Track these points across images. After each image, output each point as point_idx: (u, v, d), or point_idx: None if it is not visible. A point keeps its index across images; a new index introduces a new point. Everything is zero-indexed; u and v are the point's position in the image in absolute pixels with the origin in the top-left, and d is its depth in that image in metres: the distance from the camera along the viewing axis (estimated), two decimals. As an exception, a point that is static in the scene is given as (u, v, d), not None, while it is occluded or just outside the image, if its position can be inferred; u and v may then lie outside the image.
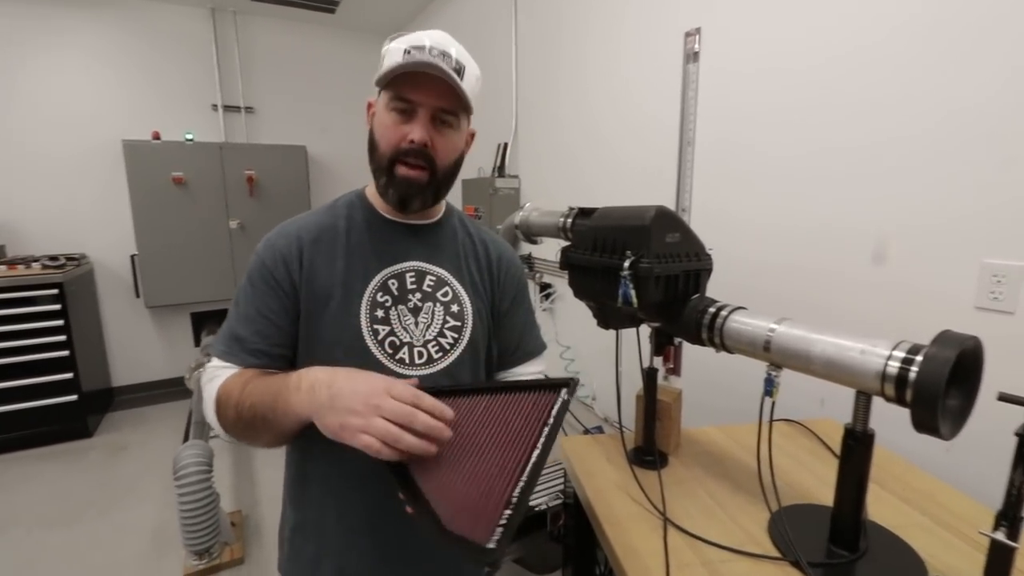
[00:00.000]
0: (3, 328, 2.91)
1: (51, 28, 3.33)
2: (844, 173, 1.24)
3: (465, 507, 0.55)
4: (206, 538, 1.93)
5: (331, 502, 0.79)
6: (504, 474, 0.57)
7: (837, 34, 1.23)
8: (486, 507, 0.54)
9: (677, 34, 1.67)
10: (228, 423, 0.71)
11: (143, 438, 3.24)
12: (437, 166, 0.77)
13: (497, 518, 0.52)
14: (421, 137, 0.74)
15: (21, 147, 3.34)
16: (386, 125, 0.76)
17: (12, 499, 2.56)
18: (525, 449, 0.59)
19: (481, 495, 0.56)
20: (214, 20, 3.71)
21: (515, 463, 0.58)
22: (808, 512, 0.84)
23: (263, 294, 0.76)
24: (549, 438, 0.60)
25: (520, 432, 0.62)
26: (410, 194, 0.78)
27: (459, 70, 0.73)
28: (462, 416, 0.66)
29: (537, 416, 0.63)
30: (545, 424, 0.62)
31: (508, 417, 0.65)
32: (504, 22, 2.69)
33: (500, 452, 0.60)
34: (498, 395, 0.69)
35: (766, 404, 0.79)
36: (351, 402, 0.59)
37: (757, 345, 0.80)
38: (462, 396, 0.70)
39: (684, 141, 1.69)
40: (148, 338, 3.84)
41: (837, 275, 1.26)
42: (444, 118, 0.76)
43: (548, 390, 0.67)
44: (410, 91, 0.73)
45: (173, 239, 3.54)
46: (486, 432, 0.64)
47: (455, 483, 0.58)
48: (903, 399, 0.64)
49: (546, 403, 0.65)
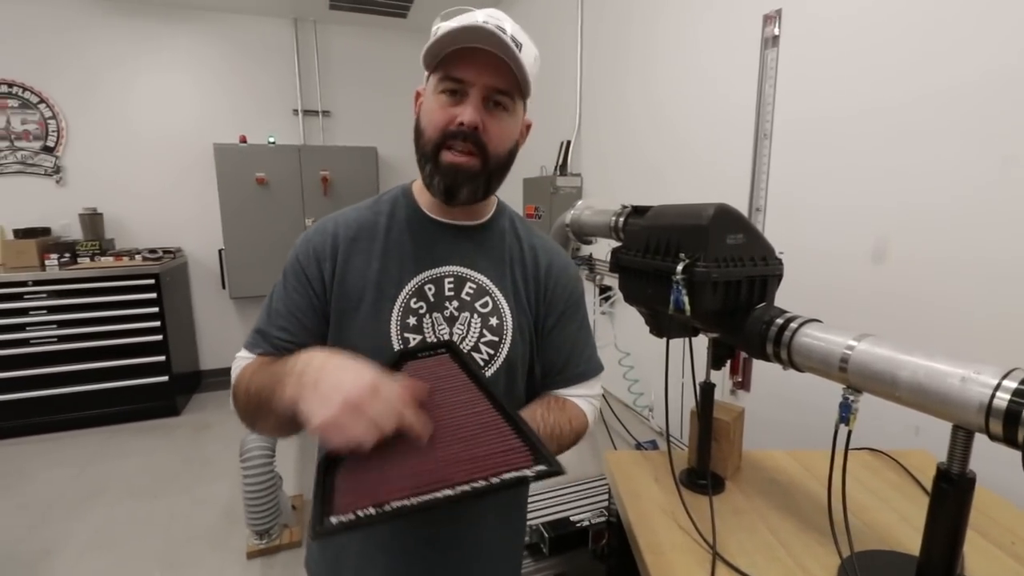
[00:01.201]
0: (107, 313, 3.24)
1: (159, 46, 3.68)
2: (940, 173, 1.07)
3: (355, 488, 0.52)
4: (267, 519, 2.02)
5: None
6: (407, 481, 0.50)
7: (932, 11, 1.07)
8: (502, 452, 0.53)
9: (755, 17, 1.54)
10: (240, 407, 0.70)
11: (225, 418, 3.48)
12: (489, 152, 0.70)
13: (363, 506, 0.48)
14: (472, 119, 0.67)
15: (131, 150, 3.70)
16: (433, 108, 0.70)
17: (106, 469, 2.84)
18: (443, 479, 0.50)
19: (376, 484, 0.51)
20: (296, 29, 3.93)
21: (427, 483, 0.50)
22: (888, 560, 0.72)
23: (293, 291, 0.75)
24: (473, 492, 0.49)
25: (462, 462, 0.53)
26: (458, 182, 0.70)
27: (517, 46, 0.67)
28: (461, 400, 0.63)
29: (488, 464, 0.52)
30: (485, 478, 0.50)
31: (471, 439, 0.57)
32: (570, 17, 2.62)
33: (425, 463, 0.53)
34: (498, 413, 0.60)
35: (841, 432, 0.69)
36: (334, 398, 0.52)
37: (831, 364, 0.69)
38: (477, 386, 0.65)
39: (760, 134, 1.55)
40: (232, 326, 4.13)
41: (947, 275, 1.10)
42: (498, 99, 0.69)
43: (528, 454, 0.54)
44: (461, 69, 0.67)
45: (255, 235, 3.77)
46: (464, 422, 0.59)
47: (459, 453, 0.55)
48: (1014, 439, 0.53)
49: (511, 461, 0.53)
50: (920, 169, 1.12)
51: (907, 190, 1.15)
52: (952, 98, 1.06)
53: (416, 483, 0.50)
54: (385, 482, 0.51)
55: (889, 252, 1.19)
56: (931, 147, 1.10)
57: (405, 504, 0.48)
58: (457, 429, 0.58)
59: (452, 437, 0.57)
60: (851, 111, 1.27)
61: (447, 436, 0.57)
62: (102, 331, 3.23)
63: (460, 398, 0.63)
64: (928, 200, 1.11)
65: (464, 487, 0.49)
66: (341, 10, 3.74)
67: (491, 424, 0.59)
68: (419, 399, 0.57)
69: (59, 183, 3.56)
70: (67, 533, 2.28)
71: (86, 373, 3.21)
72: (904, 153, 1.15)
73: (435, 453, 0.55)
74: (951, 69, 1.06)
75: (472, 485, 0.49)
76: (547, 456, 0.53)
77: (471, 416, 0.60)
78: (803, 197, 1.41)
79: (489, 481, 0.50)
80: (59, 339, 3.15)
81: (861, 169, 1.25)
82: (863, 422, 0.68)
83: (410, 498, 0.48)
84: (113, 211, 3.68)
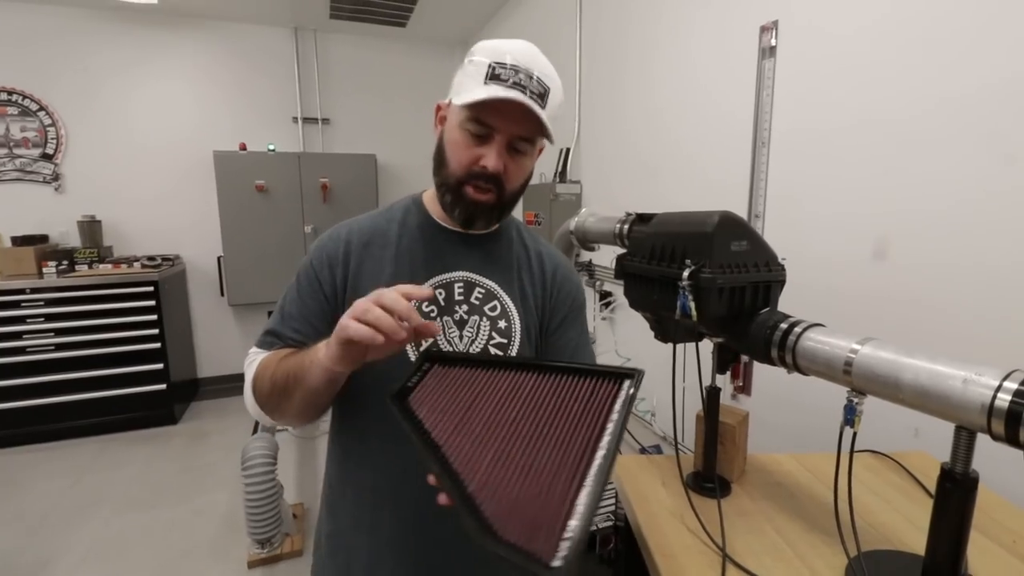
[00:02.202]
0: (105, 321, 3.22)
1: (160, 54, 3.69)
2: (937, 182, 1.10)
3: (518, 509, 0.46)
4: (269, 528, 2.02)
5: (365, 515, 0.77)
6: (564, 474, 0.47)
7: (924, 21, 1.10)
8: (545, 513, 0.44)
9: (752, 28, 1.57)
10: (263, 395, 0.71)
11: (223, 427, 3.46)
12: (506, 191, 0.75)
13: (561, 529, 0.42)
14: (496, 166, 0.70)
15: (130, 158, 3.71)
16: (458, 143, 0.72)
17: (103, 479, 2.81)
18: (586, 447, 0.49)
19: (537, 497, 0.46)
20: (296, 38, 3.96)
21: (575, 463, 0.48)
22: (893, 560, 0.74)
23: (306, 295, 0.77)
24: (614, 437, 0.49)
25: (579, 424, 0.52)
26: (475, 215, 0.76)
27: (543, 94, 0.69)
28: (506, 394, 0.59)
29: (598, 407, 0.53)
30: (609, 418, 0.51)
31: (562, 403, 0.55)
32: (569, 27, 2.66)
33: (556, 446, 0.50)
34: (547, 376, 0.60)
35: (846, 434, 0.70)
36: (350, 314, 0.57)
37: (835, 367, 0.71)
38: (504, 369, 0.62)
39: (758, 142, 1.58)
40: (230, 334, 4.11)
41: (943, 282, 1.12)
42: (519, 146, 0.72)
43: (608, 379, 0.56)
44: (489, 117, 0.69)
45: (254, 243, 3.78)
46: (537, 418, 0.54)
47: (504, 477, 0.49)
48: (1015, 439, 0.54)
49: (607, 394, 0.54)
50: (916, 177, 1.15)
51: (904, 197, 1.18)
52: (950, 107, 1.09)
53: (560, 461, 0.49)
54: (531, 480, 0.48)
55: (887, 253, 1.21)
56: (927, 155, 1.13)
57: (586, 492, 0.45)
58: (528, 400, 0.58)
59: (527, 409, 0.57)
60: (847, 120, 1.30)
61: (522, 412, 0.56)
62: (100, 339, 3.21)
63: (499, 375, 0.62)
64: (925, 206, 1.13)
65: (601, 439, 0.50)
66: (341, 19, 3.77)
67: (556, 383, 0.59)
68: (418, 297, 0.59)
69: (58, 190, 3.56)
70: (64, 544, 2.26)
71: (83, 381, 3.19)
72: (900, 161, 1.18)
73: (530, 427, 0.54)
74: (948, 80, 1.09)
75: (605, 432, 0.50)
76: (621, 371, 0.56)
77: (527, 384, 0.60)
78: (801, 203, 1.44)
79: (611, 419, 0.51)
80: (56, 347, 3.14)
81: (858, 176, 1.28)
82: (863, 424, 0.70)
83: (580, 486, 0.46)
84: (111, 218, 3.67)
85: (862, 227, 1.27)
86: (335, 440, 0.82)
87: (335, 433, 0.83)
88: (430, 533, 0.75)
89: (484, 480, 0.49)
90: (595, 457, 0.48)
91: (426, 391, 0.62)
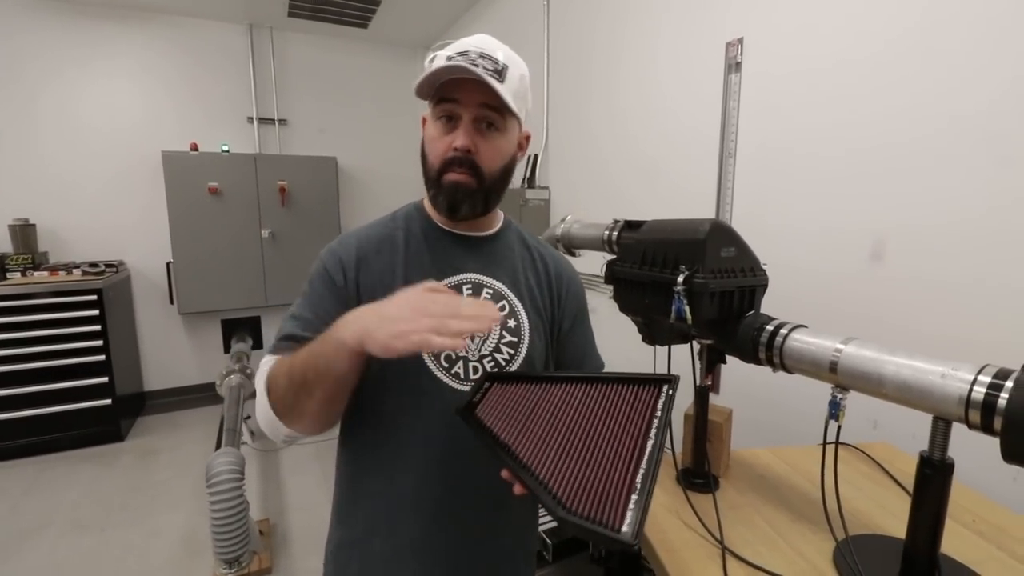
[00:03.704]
0: (43, 332, 3.00)
1: (97, 41, 3.46)
2: (891, 181, 1.19)
3: (584, 489, 0.52)
4: (237, 547, 1.93)
5: (381, 522, 0.77)
6: (620, 461, 0.54)
7: (884, 39, 1.20)
8: (608, 491, 0.51)
9: (718, 44, 1.65)
10: (280, 394, 0.68)
11: (174, 443, 3.29)
12: (483, 171, 0.75)
13: (625, 502, 0.49)
14: (463, 143, 0.72)
15: (66, 158, 3.46)
16: (433, 137, 0.75)
17: (46, 501, 2.61)
18: (636, 439, 0.56)
19: (599, 479, 0.53)
20: (251, 36, 3.82)
21: (629, 452, 0.55)
22: (874, 543, 0.80)
23: (322, 298, 0.76)
24: (660, 430, 0.57)
25: (627, 423, 0.59)
26: (457, 199, 0.76)
27: (500, 71, 0.71)
28: (560, 403, 0.65)
29: (642, 408, 0.61)
30: (653, 416, 0.59)
31: (611, 407, 0.63)
32: (536, 34, 2.70)
33: (610, 441, 0.57)
34: (594, 385, 0.68)
35: (831, 427, 0.75)
36: (399, 312, 0.57)
37: (821, 366, 0.76)
38: (555, 383, 0.70)
39: (725, 152, 1.66)
40: (180, 344, 3.91)
41: (895, 286, 1.21)
42: (489, 119, 0.74)
43: (648, 384, 0.65)
44: (449, 92, 0.72)
45: (207, 247, 3.61)
46: (590, 420, 0.61)
47: (569, 467, 0.55)
48: (990, 427, 0.60)
49: (649, 396, 0.62)
50: (880, 188, 1.24)
51: (868, 208, 1.27)
52: (905, 119, 1.18)
53: (615, 451, 0.56)
54: (593, 467, 0.55)
55: (866, 258, 1.30)
56: (889, 164, 1.22)
57: (642, 472, 0.52)
58: (581, 406, 0.65)
59: (581, 413, 0.64)
60: (811, 133, 1.39)
61: (577, 416, 0.63)
62: (38, 352, 2.98)
63: (553, 388, 0.69)
64: (889, 216, 1.23)
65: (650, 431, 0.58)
66: (300, 18, 3.67)
67: (603, 391, 0.67)
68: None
69: (-16, 192, 3.29)
70: (6, 573, 2.08)
71: (20, 398, 2.95)
72: (865, 172, 1.27)
73: (586, 427, 0.61)
74: (901, 93, 1.18)
75: (652, 426, 0.58)
76: (659, 377, 0.65)
77: (578, 394, 0.67)
78: (767, 212, 1.52)
79: (656, 415, 0.60)
80: (-13, 362, 2.89)
81: (820, 185, 1.37)
82: (823, 417, 0.75)
83: (637, 468, 0.53)
84: (47, 222, 3.42)
85: (826, 235, 1.36)
86: (346, 452, 0.82)
87: (345, 446, 0.82)
88: (454, 532, 0.77)
89: (552, 470, 0.55)
90: (646, 446, 0.56)
91: (488, 406, 0.68)
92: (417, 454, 0.75)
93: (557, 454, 0.57)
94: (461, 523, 0.77)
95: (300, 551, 2.26)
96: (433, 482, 0.75)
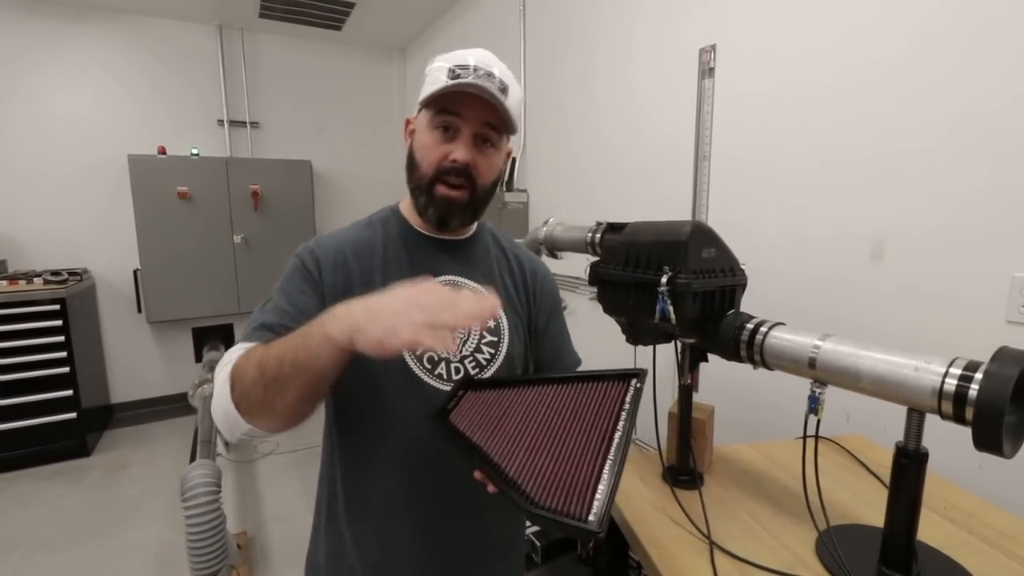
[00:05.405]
0: (3, 344, 2.87)
1: (59, 42, 3.34)
2: (857, 185, 1.24)
3: (554, 484, 0.54)
4: (214, 562, 1.87)
5: (367, 531, 0.76)
6: (589, 454, 0.57)
7: (851, 49, 1.24)
8: (576, 484, 0.53)
9: (691, 51, 1.68)
10: (245, 387, 0.60)
11: (144, 456, 3.18)
12: (478, 186, 0.77)
13: (592, 494, 0.51)
14: (465, 157, 0.73)
15: (24, 160, 3.33)
16: (427, 144, 0.75)
17: (10, 521, 2.50)
18: (605, 432, 0.59)
19: (569, 474, 0.55)
20: (221, 37, 3.73)
21: (598, 445, 0.58)
22: (854, 532, 0.82)
23: (300, 290, 0.74)
24: (628, 421, 0.60)
25: (596, 417, 0.62)
26: (450, 213, 0.77)
27: (503, 89, 0.73)
28: (532, 404, 0.67)
29: (611, 403, 0.64)
30: (622, 409, 0.62)
31: (580, 404, 0.65)
32: (512, 38, 2.71)
33: (579, 436, 0.60)
34: (566, 384, 0.70)
35: (811, 422, 0.77)
36: (392, 307, 0.54)
37: (801, 362, 0.79)
38: (528, 385, 0.72)
39: (700, 156, 1.69)
40: (149, 354, 3.79)
41: (863, 288, 1.26)
42: (487, 135, 0.75)
43: (617, 380, 0.68)
44: (456, 106, 0.72)
45: (177, 254, 3.51)
46: (560, 418, 0.64)
47: (539, 463, 0.57)
48: (961, 417, 0.63)
49: (618, 391, 0.65)
50: (856, 191, 1.29)
51: (843, 209, 1.31)
52: (884, 128, 1.23)
53: (584, 446, 0.58)
54: (562, 463, 0.57)
55: (828, 262, 1.35)
56: (858, 169, 1.27)
57: (609, 464, 0.55)
58: (552, 405, 0.67)
59: (552, 412, 0.66)
60: (782, 135, 1.43)
61: (549, 415, 0.66)
62: None
63: (526, 390, 0.71)
64: (862, 217, 1.27)
65: (617, 424, 0.61)
66: (272, 19, 3.61)
67: (574, 389, 0.69)
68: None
69: (-64, 199, 3.13)
70: (-37, 599, 1.99)
71: (-23, 414, 2.81)
72: (836, 175, 1.32)
73: (556, 424, 0.63)
74: (874, 102, 1.23)
75: (620, 418, 0.61)
76: (628, 372, 0.69)
77: (549, 393, 0.70)
78: (742, 214, 1.56)
79: (624, 407, 0.63)
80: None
81: (793, 186, 1.41)
82: (799, 413, 0.77)
83: (604, 460, 0.55)
84: (6, 229, 3.28)
85: (801, 237, 1.40)
86: (331, 465, 0.81)
87: (330, 457, 0.81)
88: (445, 534, 0.77)
89: (521, 467, 0.57)
90: (613, 438, 0.58)
91: (462, 411, 0.70)
92: (404, 462, 0.75)
93: (528, 452, 0.59)
94: (450, 524, 0.77)
95: (280, 564, 2.21)
96: (422, 486, 0.76)
